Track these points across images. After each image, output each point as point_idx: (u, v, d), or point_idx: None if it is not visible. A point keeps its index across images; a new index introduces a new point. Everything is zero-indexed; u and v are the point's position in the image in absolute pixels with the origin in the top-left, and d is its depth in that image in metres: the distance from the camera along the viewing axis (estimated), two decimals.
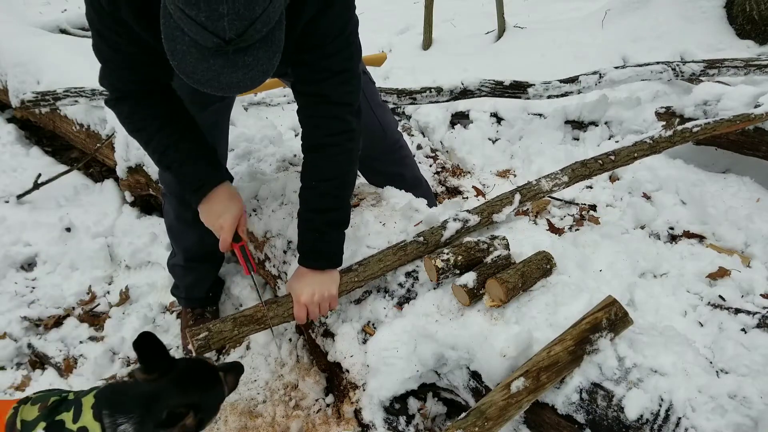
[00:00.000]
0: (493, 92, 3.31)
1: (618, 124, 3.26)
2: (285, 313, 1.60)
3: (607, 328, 1.40)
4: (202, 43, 1.06)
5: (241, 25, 1.03)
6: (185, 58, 1.09)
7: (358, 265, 1.67)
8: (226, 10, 1.00)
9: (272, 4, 1.06)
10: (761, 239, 2.34)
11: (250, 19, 1.03)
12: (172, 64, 1.13)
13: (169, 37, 1.10)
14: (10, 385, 2.08)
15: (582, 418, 1.34)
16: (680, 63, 3.37)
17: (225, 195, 1.61)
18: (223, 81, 1.12)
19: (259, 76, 1.14)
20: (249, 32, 1.05)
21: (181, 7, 1.02)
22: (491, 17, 4.99)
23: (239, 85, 1.14)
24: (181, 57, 1.10)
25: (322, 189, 1.59)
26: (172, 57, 1.11)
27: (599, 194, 2.83)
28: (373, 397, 1.59)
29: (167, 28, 1.10)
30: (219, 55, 1.07)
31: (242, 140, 2.56)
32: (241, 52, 1.08)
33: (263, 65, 1.13)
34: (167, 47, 1.11)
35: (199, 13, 1.01)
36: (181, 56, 1.10)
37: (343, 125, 1.56)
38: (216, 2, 0.99)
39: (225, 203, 1.60)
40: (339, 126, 1.56)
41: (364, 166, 2.28)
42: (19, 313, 2.32)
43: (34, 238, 2.67)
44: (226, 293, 2.38)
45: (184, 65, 1.11)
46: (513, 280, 1.54)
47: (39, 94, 3.09)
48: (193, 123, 1.62)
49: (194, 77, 1.12)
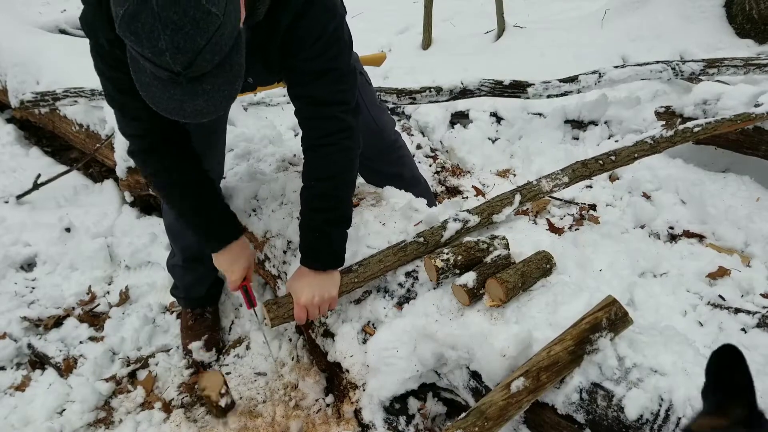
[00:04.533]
0: (492, 92, 3.31)
1: (618, 123, 3.26)
2: (285, 314, 1.60)
3: (607, 327, 1.40)
4: (158, 75, 1.07)
5: (185, 58, 1.02)
6: (150, 89, 1.11)
7: (358, 266, 1.67)
8: (164, 45, 1.00)
9: (219, 33, 1.04)
10: (761, 239, 2.34)
11: (194, 51, 1.02)
12: (142, 96, 1.14)
13: (134, 70, 1.11)
14: (10, 385, 2.08)
15: (582, 418, 1.34)
16: (680, 62, 3.37)
17: (237, 249, 1.72)
18: (186, 109, 1.12)
19: (222, 102, 1.14)
20: (197, 63, 1.04)
21: (129, 44, 1.04)
22: (491, 17, 4.99)
23: (203, 112, 1.14)
24: (147, 88, 1.11)
25: (321, 188, 1.60)
26: (140, 89, 1.13)
27: (599, 194, 2.83)
28: (373, 397, 1.59)
29: (131, 61, 1.11)
30: (176, 85, 1.07)
31: (242, 140, 2.56)
32: (197, 81, 1.08)
33: (224, 90, 1.13)
34: (135, 79, 1.13)
35: (143, 50, 1.02)
36: (146, 88, 1.11)
37: (340, 124, 1.56)
38: (155, 38, 1.00)
39: (237, 255, 1.72)
40: (335, 125, 1.56)
41: (362, 166, 2.27)
42: (19, 313, 2.32)
43: (34, 239, 2.67)
44: (226, 293, 2.38)
45: (151, 96, 1.12)
46: (513, 280, 1.54)
47: (38, 95, 3.09)
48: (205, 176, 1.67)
49: (161, 107, 1.13)
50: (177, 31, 0.99)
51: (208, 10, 1.01)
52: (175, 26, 0.99)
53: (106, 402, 2.02)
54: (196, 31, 1.01)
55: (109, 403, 2.02)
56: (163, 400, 2.02)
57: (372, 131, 2.10)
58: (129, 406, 2.00)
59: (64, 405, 1.99)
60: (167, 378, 2.10)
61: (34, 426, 1.91)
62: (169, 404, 2.00)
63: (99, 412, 1.98)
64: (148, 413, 1.96)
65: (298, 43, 1.45)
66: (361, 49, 2.08)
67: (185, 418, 1.94)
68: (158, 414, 1.96)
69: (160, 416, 1.95)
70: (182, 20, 0.99)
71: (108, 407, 2.01)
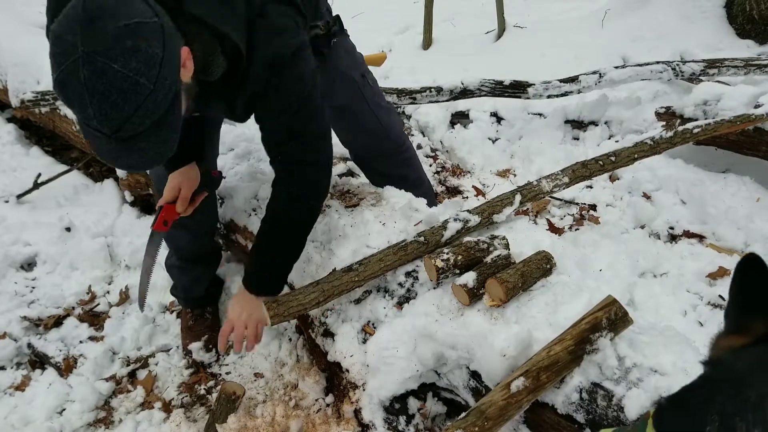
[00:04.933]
0: (493, 92, 3.31)
1: (618, 123, 3.26)
2: (285, 312, 1.60)
3: (607, 327, 1.40)
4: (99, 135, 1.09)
5: (113, 124, 1.05)
6: (94, 141, 1.12)
7: (359, 265, 1.67)
8: (92, 113, 1.03)
9: (149, 100, 1.06)
10: (761, 239, 2.34)
11: (122, 119, 1.05)
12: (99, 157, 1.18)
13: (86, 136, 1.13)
14: (10, 385, 2.08)
15: (582, 418, 1.34)
16: (680, 63, 3.37)
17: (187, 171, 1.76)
18: (123, 162, 1.17)
19: (156, 158, 1.17)
20: (126, 128, 1.06)
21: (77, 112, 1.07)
22: (491, 17, 4.99)
23: (139, 165, 1.18)
24: (91, 139, 1.13)
25: (278, 225, 1.65)
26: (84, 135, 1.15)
27: (599, 194, 2.83)
28: (373, 396, 1.59)
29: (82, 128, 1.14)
30: (115, 143, 1.09)
31: (242, 140, 2.56)
32: (131, 140, 1.10)
33: (158, 148, 1.15)
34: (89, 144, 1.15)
35: (76, 112, 1.06)
36: (91, 138, 1.12)
37: (306, 181, 1.61)
38: (84, 105, 1.03)
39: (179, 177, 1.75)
40: (302, 181, 1.61)
41: (366, 167, 2.28)
42: (19, 313, 2.32)
43: (34, 238, 2.67)
44: (226, 293, 2.38)
45: (93, 145, 1.14)
46: (513, 280, 1.54)
47: (39, 94, 3.09)
48: None
49: (101, 156, 1.15)
50: (104, 100, 1.02)
51: (136, 81, 1.03)
52: (102, 96, 1.02)
53: (106, 402, 2.02)
54: (124, 100, 1.03)
55: (109, 403, 2.02)
56: (163, 399, 2.02)
57: (376, 133, 2.10)
58: (129, 405, 2.00)
59: (64, 405, 1.99)
60: (167, 378, 2.10)
61: (34, 426, 1.91)
62: (169, 404, 2.00)
63: (99, 412, 1.98)
64: (148, 413, 1.96)
65: (267, 113, 1.50)
66: (361, 49, 2.08)
67: (185, 418, 1.94)
68: (158, 414, 1.96)
69: (160, 416, 1.95)
70: (108, 90, 1.02)
71: (108, 407, 2.01)
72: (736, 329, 0.77)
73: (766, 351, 0.73)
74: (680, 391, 0.78)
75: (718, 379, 0.74)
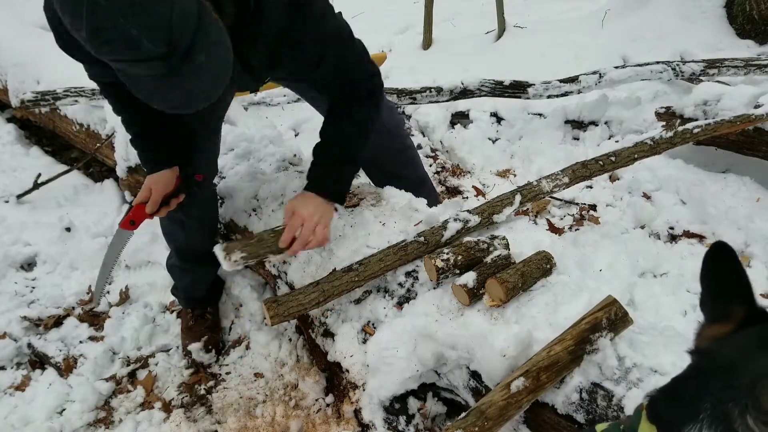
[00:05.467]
0: (493, 92, 3.31)
1: (618, 123, 3.26)
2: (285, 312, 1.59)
3: (607, 327, 1.40)
4: (156, 74, 1.07)
5: (160, 33, 1.02)
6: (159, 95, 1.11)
7: (359, 265, 1.67)
8: (137, 33, 1.00)
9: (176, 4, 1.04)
10: (761, 239, 2.34)
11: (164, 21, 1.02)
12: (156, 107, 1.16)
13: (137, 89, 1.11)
14: (10, 385, 2.08)
15: (582, 418, 1.34)
16: (680, 63, 3.37)
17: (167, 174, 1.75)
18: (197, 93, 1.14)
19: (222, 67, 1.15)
20: (174, 35, 1.04)
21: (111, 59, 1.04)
22: (491, 17, 4.99)
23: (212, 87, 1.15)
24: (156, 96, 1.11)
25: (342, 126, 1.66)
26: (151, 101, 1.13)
27: (599, 194, 2.83)
28: (372, 396, 1.59)
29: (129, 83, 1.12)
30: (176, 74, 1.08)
31: (242, 140, 2.56)
32: (188, 57, 1.07)
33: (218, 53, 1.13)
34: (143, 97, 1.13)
35: (124, 52, 1.02)
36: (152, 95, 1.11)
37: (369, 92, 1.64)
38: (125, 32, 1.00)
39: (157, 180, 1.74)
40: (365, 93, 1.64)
41: (369, 166, 2.27)
42: (19, 313, 2.32)
43: (34, 238, 2.67)
44: (227, 293, 2.38)
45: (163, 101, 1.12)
46: (513, 280, 1.54)
47: (39, 94, 3.09)
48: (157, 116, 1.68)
49: (174, 105, 1.13)
50: (137, 13, 0.99)
51: None
52: (132, 10, 0.99)
53: (106, 402, 2.02)
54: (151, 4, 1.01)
55: (109, 403, 2.02)
56: (163, 399, 2.02)
57: (380, 132, 2.09)
58: (129, 405, 2.00)
59: (64, 405, 1.99)
60: (167, 378, 2.10)
61: (34, 426, 1.91)
62: (169, 404, 2.00)
63: (99, 412, 1.98)
64: (148, 413, 1.96)
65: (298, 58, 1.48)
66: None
67: (185, 418, 1.94)
68: (158, 414, 1.96)
69: (160, 416, 1.95)
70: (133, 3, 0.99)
71: (108, 407, 2.01)
72: (718, 317, 0.79)
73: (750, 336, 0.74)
74: (671, 382, 0.79)
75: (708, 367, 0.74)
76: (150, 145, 1.74)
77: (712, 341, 0.78)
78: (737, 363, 0.71)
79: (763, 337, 0.74)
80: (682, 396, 0.75)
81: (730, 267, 0.78)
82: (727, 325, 0.77)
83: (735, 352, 0.73)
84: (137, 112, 1.69)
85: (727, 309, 0.77)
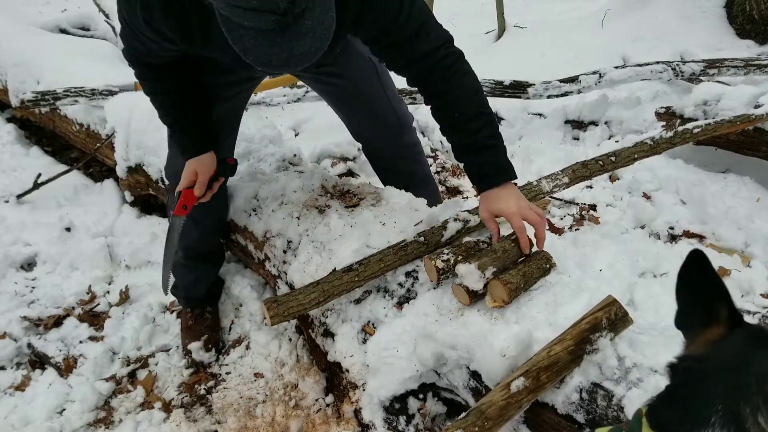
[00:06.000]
0: (493, 92, 3.31)
1: (618, 123, 3.26)
2: (285, 312, 1.59)
3: (607, 327, 1.40)
4: (264, 28, 1.08)
5: None
6: (258, 49, 1.12)
7: (359, 265, 1.67)
8: None
9: None
10: (761, 239, 2.34)
11: None
12: (248, 60, 1.16)
13: (237, 39, 1.12)
14: (10, 385, 2.08)
15: (582, 418, 1.34)
16: (680, 63, 3.37)
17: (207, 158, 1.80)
18: (296, 53, 1.14)
19: (325, 34, 1.16)
20: None
21: (232, 3, 1.05)
22: (491, 17, 4.99)
23: (311, 50, 1.16)
24: (254, 50, 1.12)
25: (471, 109, 1.57)
26: (245, 54, 1.14)
27: (599, 194, 2.83)
28: (372, 396, 1.59)
29: (230, 32, 1.12)
30: (282, 32, 1.09)
31: (242, 140, 2.55)
32: (300, 18, 1.10)
33: (324, 21, 1.15)
34: (238, 49, 1.14)
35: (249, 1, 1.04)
36: (253, 50, 1.12)
37: (452, 57, 1.56)
38: None
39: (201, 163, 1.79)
40: (449, 60, 1.56)
41: (377, 161, 2.27)
42: (19, 313, 2.32)
43: (34, 238, 2.67)
44: (226, 293, 2.38)
45: (260, 56, 1.14)
46: (516, 281, 1.53)
47: (39, 94, 3.09)
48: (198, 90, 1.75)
49: (273, 63, 1.15)
50: None
51: None
52: None
53: (106, 402, 2.02)
54: None
55: (109, 403, 2.02)
56: (163, 400, 2.02)
57: (392, 126, 2.09)
58: (129, 405, 2.00)
59: (64, 405, 1.99)
60: (167, 378, 2.10)
61: (34, 426, 1.91)
62: (169, 404, 2.00)
63: (99, 412, 1.98)
64: (148, 413, 1.96)
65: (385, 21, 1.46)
66: None
67: (185, 418, 1.94)
68: (158, 414, 1.96)
69: (160, 416, 1.95)
70: None
71: (108, 407, 2.01)
72: (711, 321, 0.81)
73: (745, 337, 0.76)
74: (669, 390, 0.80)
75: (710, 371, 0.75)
76: (192, 128, 1.76)
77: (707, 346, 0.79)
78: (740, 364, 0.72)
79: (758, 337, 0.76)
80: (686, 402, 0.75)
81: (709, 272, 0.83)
82: (719, 326, 0.79)
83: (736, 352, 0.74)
84: (182, 95, 1.72)
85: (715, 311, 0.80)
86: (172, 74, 1.69)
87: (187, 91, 1.73)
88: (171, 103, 1.74)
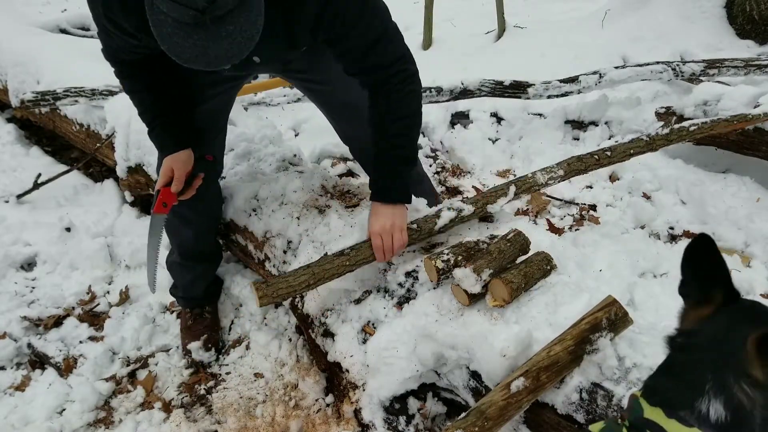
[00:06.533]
0: (493, 92, 3.30)
1: (618, 123, 3.26)
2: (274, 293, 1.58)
3: (607, 327, 1.40)
4: (182, 20, 1.10)
5: None
6: (172, 39, 1.14)
7: (350, 249, 1.67)
8: None
9: None
10: (761, 239, 2.34)
11: None
12: (163, 48, 1.18)
13: (156, 23, 1.15)
14: (10, 385, 2.08)
15: (582, 418, 1.34)
16: (680, 63, 3.37)
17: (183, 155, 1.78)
18: (210, 54, 1.16)
19: (244, 43, 1.18)
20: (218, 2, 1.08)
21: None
22: (491, 17, 4.99)
23: (226, 55, 1.18)
24: (169, 39, 1.15)
25: (394, 129, 1.66)
26: (161, 41, 1.17)
27: (599, 194, 2.83)
28: (372, 396, 1.59)
29: (152, 14, 1.15)
30: (200, 29, 1.11)
31: (242, 140, 2.56)
32: (220, 21, 1.11)
33: (246, 31, 1.16)
34: (156, 33, 1.16)
35: None
36: (168, 38, 1.15)
37: (404, 74, 1.62)
38: None
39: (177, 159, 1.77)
40: (400, 77, 1.62)
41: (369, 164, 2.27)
42: (19, 313, 2.32)
43: (34, 238, 2.67)
44: (226, 293, 2.38)
45: (173, 46, 1.16)
46: (517, 281, 1.54)
47: (39, 94, 3.09)
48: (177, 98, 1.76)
49: (183, 56, 1.17)
50: None
51: None
52: None
53: (106, 402, 2.02)
54: None
55: (109, 403, 2.02)
56: (163, 400, 2.02)
57: None
58: (129, 406, 2.00)
59: (64, 405, 1.99)
60: (167, 378, 2.10)
61: (34, 426, 1.91)
62: (169, 404, 2.00)
63: (99, 412, 1.98)
64: (148, 413, 1.96)
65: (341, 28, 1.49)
66: None
67: (185, 418, 1.94)
68: (158, 414, 1.96)
69: (160, 416, 1.95)
70: None
71: (108, 407, 2.01)
72: (701, 300, 0.90)
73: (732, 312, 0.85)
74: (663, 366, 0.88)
75: (699, 345, 0.84)
76: (170, 125, 1.77)
77: (697, 322, 0.88)
78: (725, 336, 0.81)
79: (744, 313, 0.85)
80: (681, 376, 0.83)
81: (713, 256, 0.89)
82: (709, 307, 0.88)
83: (721, 327, 0.83)
84: (159, 92, 1.72)
85: (709, 293, 0.89)
86: (149, 72, 1.69)
87: (165, 89, 1.74)
88: (149, 100, 1.74)
